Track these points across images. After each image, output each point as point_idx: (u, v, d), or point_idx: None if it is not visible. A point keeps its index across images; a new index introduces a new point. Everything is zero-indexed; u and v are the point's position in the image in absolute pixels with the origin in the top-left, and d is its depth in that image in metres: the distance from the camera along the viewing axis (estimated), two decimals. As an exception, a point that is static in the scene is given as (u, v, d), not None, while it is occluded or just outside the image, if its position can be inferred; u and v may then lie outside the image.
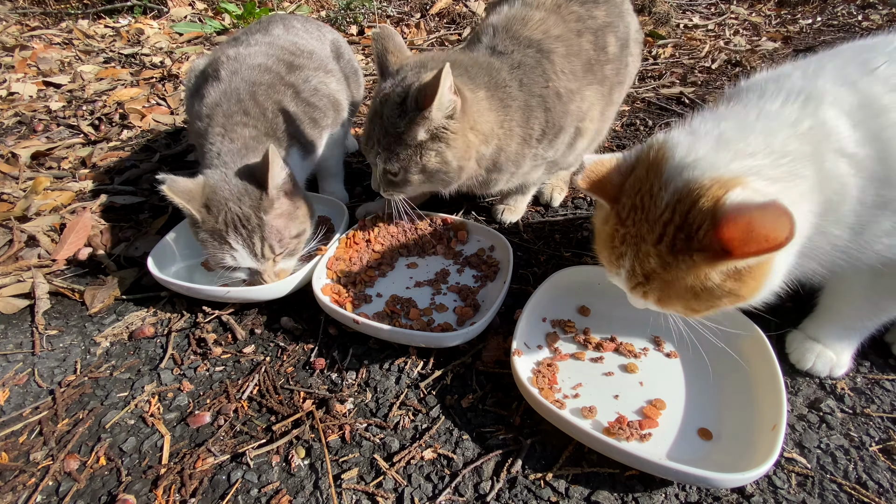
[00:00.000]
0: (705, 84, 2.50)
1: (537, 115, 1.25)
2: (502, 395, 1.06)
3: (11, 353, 1.21)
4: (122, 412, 1.06)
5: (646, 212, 0.77)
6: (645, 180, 0.78)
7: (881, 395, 1.04)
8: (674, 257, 0.73)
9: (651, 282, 0.80)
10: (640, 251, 0.78)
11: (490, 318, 1.13)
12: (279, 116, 1.37)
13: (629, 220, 0.80)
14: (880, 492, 0.88)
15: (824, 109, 0.80)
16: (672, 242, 0.73)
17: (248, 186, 1.18)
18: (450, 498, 0.89)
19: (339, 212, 1.52)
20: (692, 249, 0.71)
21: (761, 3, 3.81)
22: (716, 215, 0.67)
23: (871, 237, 0.84)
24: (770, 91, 0.85)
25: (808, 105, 0.81)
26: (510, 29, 1.28)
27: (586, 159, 0.85)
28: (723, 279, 0.73)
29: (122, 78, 2.78)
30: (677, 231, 0.72)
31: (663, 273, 0.76)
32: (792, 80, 0.86)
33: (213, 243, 1.18)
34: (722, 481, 0.81)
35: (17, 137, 2.17)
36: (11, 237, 1.52)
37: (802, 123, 0.78)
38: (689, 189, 0.72)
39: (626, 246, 0.81)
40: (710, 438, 0.92)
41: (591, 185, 0.84)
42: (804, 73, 0.87)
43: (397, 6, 3.75)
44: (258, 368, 1.14)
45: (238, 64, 1.41)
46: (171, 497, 0.90)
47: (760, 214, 0.63)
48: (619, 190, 0.83)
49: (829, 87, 0.82)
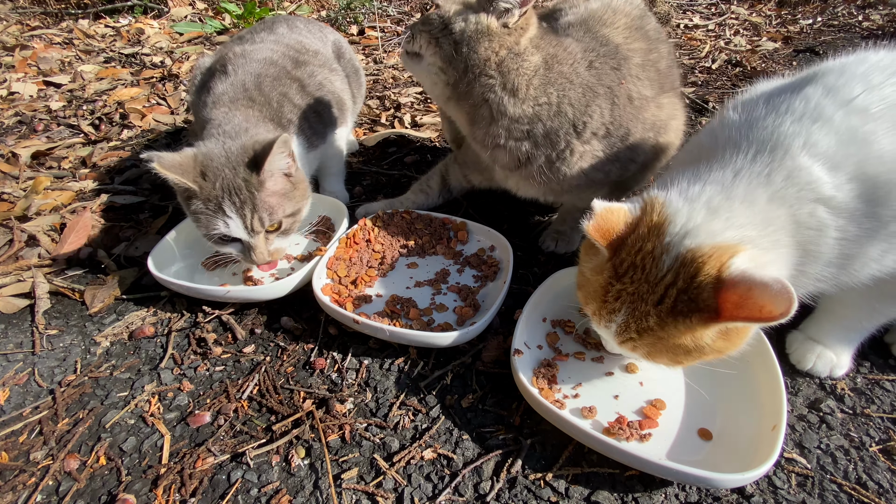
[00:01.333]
0: (705, 84, 2.50)
1: (600, 104, 1.17)
2: (502, 395, 1.06)
3: (11, 352, 1.21)
4: (122, 412, 1.06)
5: (646, 273, 0.79)
6: (646, 240, 0.80)
7: (881, 395, 1.04)
8: (673, 318, 0.77)
9: (643, 338, 0.82)
10: (639, 310, 0.80)
11: (490, 318, 1.13)
12: (284, 107, 1.39)
13: (627, 277, 0.81)
14: (880, 492, 0.88)
15: (794, 158, 0.79)
16: (673, 304, 0.77)
17: (245, 159, 1.18)
18: (450, 498, 0.89)
19: (339, 212, 1.52)
20: (692, 311, 0.75)
21: (761, 3, 3.81)
22: (720, 280, 0.72)
23: (859, 266, 0.84)
24: (742, 143, 0.85)
25: (776, 155, 0.81)
26: (586, 24, 1.25)
27: (596, 205, 0.85)
28: (714, 339, 0.78)
29: (122, 78, 2.78)
30: (679, 294, 0.76)
31: (658, 331, 0.79)
32: (761, 127, 0.85)
33: (207, 212, 1.17)
34: (722, 481, 0.81)
35: (17, 137, 2.17)
36: (11, 237, 1.52)
37: (775, 180, 0.79)
38: (692, 256, 0.76)
39: (622, 303, 0.82)
40: (709, 439, 0.92)
41: (600, 233, 0.83)
42: (774, 115, 0.85)
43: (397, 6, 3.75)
44: (258, 368, 1.14)
45: (245, 59, 1.44)
46: (171, 497, 0.90)
47: (762, 287, 0.68)
48: (621, 244, 0.83)
49: (799, 130, 0.81)
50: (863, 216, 0.79)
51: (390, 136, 2.13)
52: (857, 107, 0.79)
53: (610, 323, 0.85)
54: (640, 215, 0.83)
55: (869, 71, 0.83)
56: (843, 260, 0.83)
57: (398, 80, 2.72)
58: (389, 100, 2.47)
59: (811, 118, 0.81)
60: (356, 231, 1.40)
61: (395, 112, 2.35)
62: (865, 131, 0.78)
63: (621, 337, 0.85)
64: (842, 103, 0.80)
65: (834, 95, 0.82)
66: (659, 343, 0.81)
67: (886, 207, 0.78)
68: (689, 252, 0.76)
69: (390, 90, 2.59)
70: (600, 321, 0.87)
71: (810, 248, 0.82)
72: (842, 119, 0.79)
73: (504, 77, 1.15)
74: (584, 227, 0.84)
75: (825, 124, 0.80)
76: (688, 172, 0.87)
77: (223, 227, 1.18)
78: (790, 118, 0.83)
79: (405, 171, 1.89)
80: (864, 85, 0.81)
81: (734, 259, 0.73)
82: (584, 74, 1.18)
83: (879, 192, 0.78)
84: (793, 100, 0.85)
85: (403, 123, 2.24)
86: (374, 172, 1.89)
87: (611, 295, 0.83)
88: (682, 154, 1.12)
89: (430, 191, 1.61)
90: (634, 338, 0.83)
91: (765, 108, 0.88)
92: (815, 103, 0.82)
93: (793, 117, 0.82)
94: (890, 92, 0.80)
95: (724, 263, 0.73)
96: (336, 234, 1.39)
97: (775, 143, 0.82)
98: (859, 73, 0.83)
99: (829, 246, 0.81)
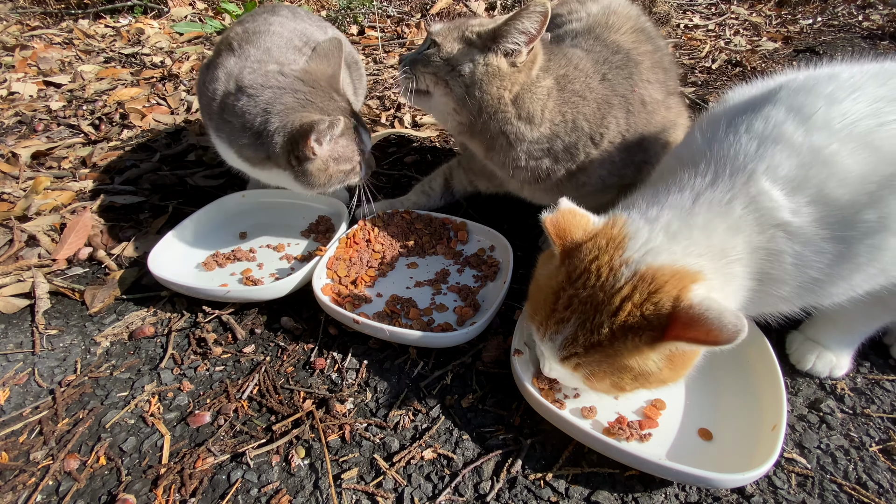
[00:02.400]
0: (705, 84, 2.50)
1: (616, 115, 1.18)
2: (502, 395, 1.06)
3: (11, 352, 1.21)
4: (122, 412, 1.06)
5: (602, 281, 0.78)
6: (604, 251, 0.79)
7: (881, 395, 1.04)
8: (623, 333, 0.75)
9: (589, 354, 0.79)
10: (590, 321, 0.78)
11: (490, 318, 1.13)
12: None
13: (580, 282, 0.79)
14: (880, 492, 0.88)
15: (755, 183, 0.78)
16: (626, 318, 0.75)
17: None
18: (450, 498, 0.89)
19: (339, 212, 1.52)
20: (645, 328, 0.74)
21: (761, 3, 3.81)
22: (678, 300, 0.72)
23: (830, 288, 0.83)
24: (702, 165, 0.84)
25: (736, 180, 0.80)
26: (594, 31, 1.25)
27: (563, 203, 0.86)
28: (659, 363, 0.77)
29: (122, 78, 2.78)
30: (633, 308, 0.75)
31: (607, 347, 0.77)
32: (723, 146, 0.84)
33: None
34: (722, 481, 0.81)
35: (17, 137, 2.16)
36: (11, 237, 1.52)
37: (734, 209, 0.79)
38: (652, 273, 0.75)
39: (572, 312, 0.80)
40: (710, 439, 0.92)
41: (556, 230, 0.84)
42: (734, 133, 0.84)
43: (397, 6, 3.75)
44: (258, 368, 1.14)
45: (248, 35, 1.39)
46: (171, 497, 0.90)
47: (717, 315, 0.67)
48: (576, 248, 0.82)
49: (761, 152, 0.79)
50: (822, 240, 0.78)
51: (390, 136, 2.13)
52: (816, 123, 0.78)
53: (556, 335, 0.82)
54: (601, 227, 0.83)
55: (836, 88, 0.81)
56: (810, 283, 0.82)
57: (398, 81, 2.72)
58: (389, 100, 2.47)
59: (773, 138, 0.80)
60: (356, 231, 1.40)
61: (395, 112, 2.35)
62: (830, 150, 0.76)
63: (566, 351, 0.82)
64: (802, 120, 0.79)
65: (796, 114, 0.80)
66: (605, 362, 0.79)
67: (852, 229, 0.77)
68: (648, 269, 0.76)
69: (390, 90, 2.59)
70: (546, 333, 0.84)
71: (770, 273, 0.81)
72: (801, 138, 0.78)
73: (519, 108, 1.15)
74: (542, 218, 0.84)
75: (786, 146, 0.78)
76: (651, 196, 0.87)
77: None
78: (749, 138, 0.81)
79: (405, 171, 1.89)
80: (825, 99, 0.79)
81: (695, 286, 0.74)
82: (598, 88, 1.18)
83: (840, 216, 0.76)
84: (753, 115, 0.84)
85: (403, 123, 2.24)
86: (374, 172, 1.89)
87: (561, 302, 0.81)
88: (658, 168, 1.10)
89: (433, 192, 1.60)
90: (580, 353, 0.80)
91: (726, 125, 0.87)
92: (776, 122, 0.81)
93: (751, 137, 0.81)
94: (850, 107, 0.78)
95: (686, 287, 0.73)
96: (336, 234, 1.39)
97: (736, 166, 0.81)
98: (827, 91, 0.81)
99: (786, 272, 0.80)
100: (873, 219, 0.76)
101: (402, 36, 3.35)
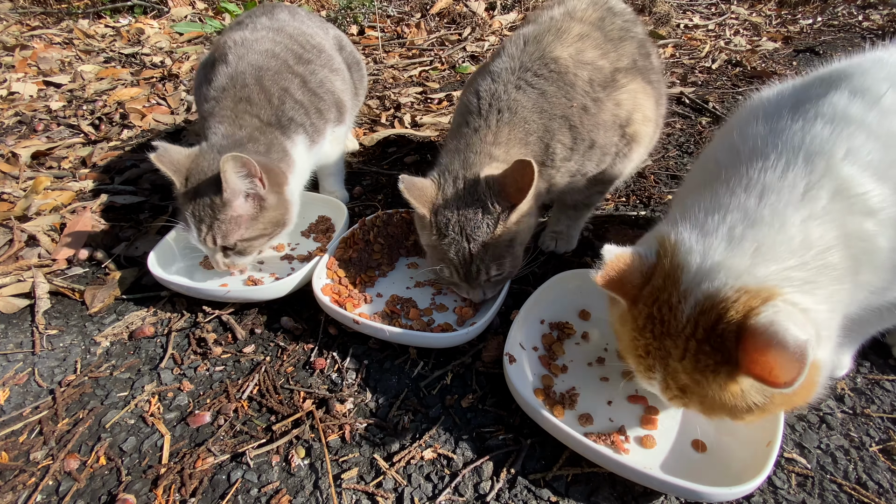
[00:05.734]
0: (705, 84, 2.50)
1: (560, 138, 1.18)
2: (502, 395, 1.06)
3: (11, 352, 1.21)
4: (122, 412, 1.06)
5: (666, 325, 0.70)
6: (663, 290, 0.71)
7: (881, 395, 1.04)
8: (701, 374, 0.68)
9: (688, 395, 0.72)
10: (669, 367, 0.71)
11: (490, 318, 1.13)
12: (286, 103, 1.36)
13: (647, 331, 0.73)
14: (880, 492, 0.88)
15: (839, 168, 0.69)
16: (696, 359, 0.68)
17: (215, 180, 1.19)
18: (450, 498, 0.89)
19: (339, 212, 1.52)
20: (719, 364, 0.66)
21: (762, 3, 3.81)
22: (742, 328, 0.62)
23: None
24: (770, 156, 0.75)
25: (815, 167, 0.70)
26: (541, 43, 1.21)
27: (606, 251, 0.76)
28: (760, 394, 0.67)
29: (122, 78, 2.78)
30: (699, 345, 0.67)
31: (696, 388, 0.70)
32: (789, 134, 0.75)
33: (180, 210, 1.24)
34: (711, 495, 0.79)
35: (17, 137, 2.17)
36: (11, 237, 1.52)
37: (817, 198, 0.69)
38: (710, 302, 0.66)
39: (653, 359, 0.74)
40: (704, 451, 0.91)
41: (612, 285, 0.75)
42: (802, 119, 0.75)
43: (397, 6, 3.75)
44: (258, 368, 1.14)
45: (245, 49, 1.40)
46: (171, 497, 0.90)
47: (781, 346, 0.58)
48: (638, 292, 0.75)
49: (836, 135, 0.72)
50: None
51: (390, 136, 2.13)
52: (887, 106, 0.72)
53: (651, 380, 0.77)
54: (655, 261, 0.75)
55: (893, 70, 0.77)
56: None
57: (398, 80, 2.72)
58: (389, 100, 2.47)
59: (844, 122, 0.72)
60: (356, 231, 1.40)
61: (395, 112, 2.35)
62: None
63: (667, 394, 0.76)
64: (872, 103, 0.73)
65: (862, 97, 0.74)
66: (707, 400, 0.70)
67: None
68: (706, 298, 0.67)
69: (390, 90, 2.59)
70: (642, 378, 0.79)
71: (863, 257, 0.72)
72: (875, 119, 0.71)
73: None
74: (594, 278, 0.75)
75: (862, 128, 0.71)
76: (707, 199, 0.76)
77: (185, 231, 1.24)
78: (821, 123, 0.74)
79: (405, 171, 1.89)
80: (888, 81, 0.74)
81: (766, 305, 0.62)
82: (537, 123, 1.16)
83: None
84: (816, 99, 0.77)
85: (403, 123, 2.24)
86: (374, 172, 1.89)
87: (641, 350, 0.75)
88: (691, 176, 1.02)
89: None
90: (679, 396, 0.73)
91: (787, 112, 0.79)
92: (842, 105, 0.74)
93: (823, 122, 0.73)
94: None
95: (754, 308, 0.63)
96: (336, 234, 1.39)
97: (811, 150, 0.72)
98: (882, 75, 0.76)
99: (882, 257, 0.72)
100: None
101: (402, 36, 3.35)
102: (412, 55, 3.07)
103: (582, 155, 1.22)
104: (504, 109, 1.15)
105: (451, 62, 2.94)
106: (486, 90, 1.18)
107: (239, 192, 1.20)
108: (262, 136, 1.30)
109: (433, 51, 3.10)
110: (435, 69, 2.86)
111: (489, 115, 1.16)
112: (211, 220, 1.20)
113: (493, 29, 3.38)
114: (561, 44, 1.21)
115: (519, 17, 3.55)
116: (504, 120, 1.15)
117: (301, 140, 1.40)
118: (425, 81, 2.70)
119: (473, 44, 3.17)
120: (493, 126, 1.15)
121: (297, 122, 1.39)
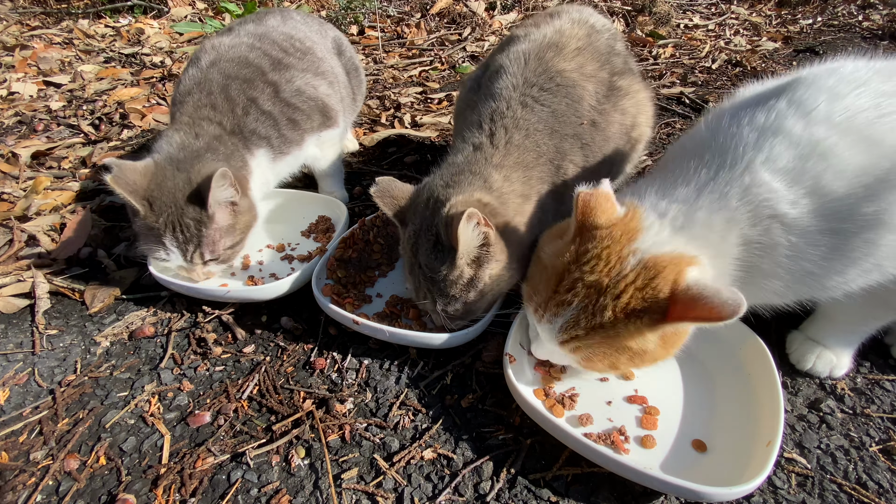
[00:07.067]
0: (705, 84, 2.50)
1: (572, 158, 1.17)
2: (502, 395, 1.06)
3: (11, 352, 1.21)
4: (122, 412, 1.06)
5: (610, 268, 0.80)
6: (617, 241, 0.82)
7: (881, 395, 1.04)
8: (626, 316, 0.78)
9: (589, 337, 0.82)
10: (596, 304, 0.80)
11: (490, 318, 1.13)
12: (249, 115, 1.34)
13: (588, 266, 0.81)
14: (880, 492, 0.88)
15: (755, 173, 0.81)
16: (628, 301, 0.78)
17: (194, 196, 1.19)
18: (450, 498, 0.89)
19: (339, 212, 1.52)
20: (645, 311, 0.77)
21: (761, 3, 3.81)
22: (676, 286, 0.76)
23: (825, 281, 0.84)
24: (705, 157, 0.87)
25: (735, 171, 0.82)
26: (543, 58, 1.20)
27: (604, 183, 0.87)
28: (655, 343, 0.80)
29: (122, 77, 2.78)
30: (636, 292, 0.78)
31: (609, 329, 0.80)
32: (722, 139, 0.86)
33: (149, 238, 1.21)
34: (711, 495, 0.79)
35: (17, 137, 2.17)
36: (11, 237, 1.52)
37: (731, 197, 0.82)
38: (654, 261, 0.79)
39: (575, 295, 0.82)
40: (704, 451, 0.91)
41: (584, 207, 0.85)
42: (737, 126, 0.86)
43: (397, 6, 3.75)
44: (258, 368, 1.14)
45: (217, 55, 1.38)
46: (171, 497, 0.90)
47: (714, 293, 0.71)
48: (594, 231, 0.84)
49: (761, 142, 0.81)
50: (818, 232, 0.79)
51: (390, 136, 2.13)
52: (817, 118, 0.79)
53: (556, 318, 0.84)
54: (621, 218, 0.85)
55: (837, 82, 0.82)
56: (805, 276, 0.83)
57: (398, 80, 2.72)
58: (389, 100, 2.47)
59: (773, 131, 0.82)
60: (356, 231, 1.40)
61: (395, 112, 2.35)
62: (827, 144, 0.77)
63: (566, 335, 0.83)
64: (803, 114, 0.80)
65: (798, 108, 0.82)
66: (605, 344, 0.81)
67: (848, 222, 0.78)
68: (651, 258, 0.79)
69: (390, 90, 2.59)
70: (544, 315, 0.85)
71: (761, 266, 0.84)
72: (800, 130, 0.79)
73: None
74: (577, 190, 0.85)
75: (786, 137, 0.80)
76: (665, 182, 0.90)
77: (163, 255, 1.22)
78: (749, 130, 0.84)
79: (405, 171, 1.89)
80: (826, 94, 0.81)
81: (690, 268, 0.78)
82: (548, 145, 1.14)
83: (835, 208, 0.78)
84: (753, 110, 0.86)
85: (403, 123, 2.24)
86: (374, 172, 1.89)
87: (564, 284, 0.83)
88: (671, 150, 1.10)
89: None
90: (580, 336, 0.82)
91: (728, 119, 0.89)
92: (776, 115, 0.83)
93: (752, 129, 0.84)
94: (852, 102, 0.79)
95: (682, 270, 0.77)
96: (336, 234, 1.39)
97: (736, 156, 0.83)
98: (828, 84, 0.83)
99: (780, 264, 0.83)
100: (870, 212, 0.76)
101: (402, 36, 3.35)
102: (412, 55, 3.07)
103: (592, 171, 1.21)
104: (510, 128, 1.11)
105: (451, 62, 2.94)
106: (488, 107, 1.15)
107: (222, 203, 1.22)
108: (221, 146, 1.28)
109: (433, 51, 3.10)
110: (435, 69, 2.86)
111: (495, 131, 1.12)
112: (198, 239, 1.20)
113: (493, 29, 3.38)
114: (563, 58, 1.21)
115: (519, 17, 3.55)
116: (514, 142, 1.10)
117: (263, 153, 1.39)
118: (425, 81, 2.70)
119: (473, 44, 3.18)
120: (502, 147, 1.10)
121: (261, 135, 1.36)
